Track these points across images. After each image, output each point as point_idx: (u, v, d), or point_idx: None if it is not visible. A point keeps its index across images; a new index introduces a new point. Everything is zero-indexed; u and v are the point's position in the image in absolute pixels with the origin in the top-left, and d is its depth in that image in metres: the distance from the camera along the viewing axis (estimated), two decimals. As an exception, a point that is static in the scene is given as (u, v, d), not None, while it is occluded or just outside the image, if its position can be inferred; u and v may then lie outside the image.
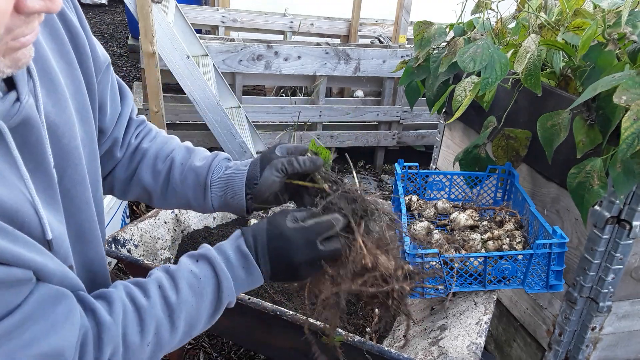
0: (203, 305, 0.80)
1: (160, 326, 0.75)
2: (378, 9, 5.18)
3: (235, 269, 0.82)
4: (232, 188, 0.95)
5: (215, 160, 0.99)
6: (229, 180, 0.96)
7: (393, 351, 1.22)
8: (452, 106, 1.69)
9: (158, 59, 2.73)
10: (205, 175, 0.98)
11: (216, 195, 0.97)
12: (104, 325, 0.70)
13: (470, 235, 1.52)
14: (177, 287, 0.77)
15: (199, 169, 0.98)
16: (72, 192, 0.76)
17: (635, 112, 1.13)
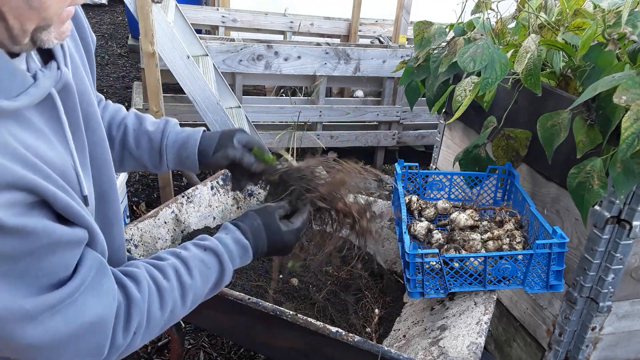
0: (207, 288, 0.93)
1: (175, 304, 0.86)
2: (378, 9, 5.18)
3: (235, 260, 0.97)
4: (186, 151, 1.13)
5: (167, 126, 1.14)
6: (184, 145, 1.13)
7: (393, 351, 1.22)
8: (452, 106, 1.69)
9: (158, 59, 2.73)
10: (160, 139, 1.13)
11: (172, 157, 1.13)
12: (134, 301, 0.79)
13: (470, 235, 1.52)
14: (190, 273, 0.89)
15: (152, 134, 1.13)
16: (93, 154, 0.84)
17: (635, 112, 1.13)
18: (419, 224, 1.62)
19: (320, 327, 1.28)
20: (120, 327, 0.77)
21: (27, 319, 0.65)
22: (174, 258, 0.90)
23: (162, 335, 2.22)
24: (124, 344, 0.78)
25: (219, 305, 1.45)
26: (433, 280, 1.45)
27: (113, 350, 0.77)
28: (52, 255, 0.67)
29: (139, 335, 0.81)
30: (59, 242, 0.68)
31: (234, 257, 0.97)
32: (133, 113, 1.16)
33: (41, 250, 0.65)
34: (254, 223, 1.01)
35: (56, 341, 0.69)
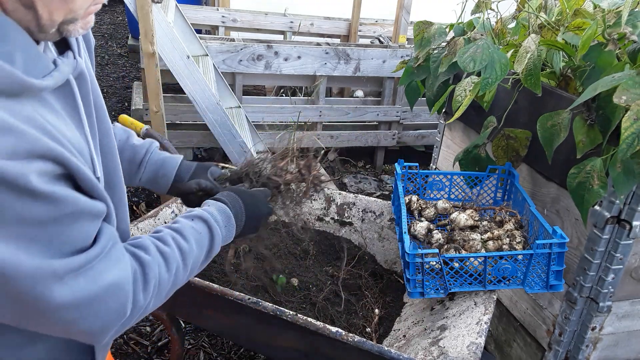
0: (202, 253, 1.01)
1: (178, 267, 0.93)
2: (378, 9, 5.18)
3: (221, 226, 1.06)
4: (163, 170, 1.27)
5: (152, 145, 1.28)
6: (163, 165, 1.27)
7: (393, 351, 1.22)
8: (452, 106, 1.69)
9: (158, 59, 2.73)
10: (143, 154, 1.25)
11: (148, 173, 1.26)
12: (147, 264, 0.86)
13: (470, 235, 1.52)
14: (186, 240, 0.96)
15: (137, 147, 1.25)
16: (102, 141, 0.90)
17: (635, 112, 1.13)
18: (419, 224, 1.62)
19: (320, 327, 1.28)
20: (140, 289, 0.83)
21: (55, 278, 0.70)
22: (169, 229, 0.97)
23: (162, 335, 2.22)
24: (144, 304, 0.84)
25: (219, 305, 1.45)
26: (433, 280, 1.45)
27: (135, 311, 0.83)
28: (75, 223, 0.72)
29: (153, 297, 0.87)
30: (82, 212, 0.73)
31: (220, 224, 1.06)
32: (120, 127, 1.27)
33: (66, 218, 0.71)
34: (230, 194, 1.15)
35: (82, 301, 0.74)
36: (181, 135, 3.50)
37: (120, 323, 0.81)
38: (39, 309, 0.70)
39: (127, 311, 0.80)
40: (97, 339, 0.80)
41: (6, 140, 0.64)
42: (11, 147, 0.64)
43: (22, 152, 0.65)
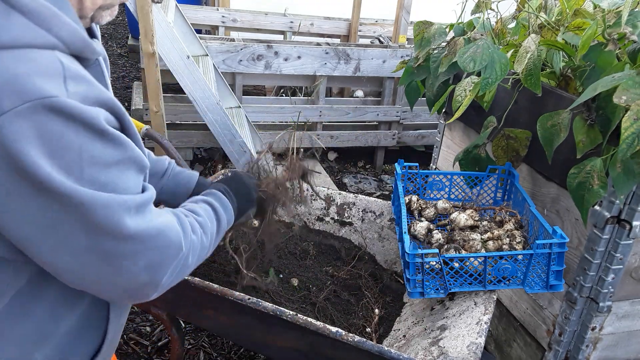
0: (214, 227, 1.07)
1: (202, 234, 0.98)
2: (378, 9, 5.18)
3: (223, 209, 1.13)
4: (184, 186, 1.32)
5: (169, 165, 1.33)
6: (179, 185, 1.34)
7: (393, 351, 1.22)
8: (452, 106, 1.69)
9: (158, 59, 2.73)
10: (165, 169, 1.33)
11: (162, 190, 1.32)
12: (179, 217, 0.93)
13: (470, 235, 1.52)
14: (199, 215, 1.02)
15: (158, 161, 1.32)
16: None
17: (635, 112, 1.13)
18: (419, 224, 1.62)
19: (320, 327, 1.28)
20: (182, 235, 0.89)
21: (127, 209, 0.77)
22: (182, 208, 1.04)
23: (162, 335, 2.23)
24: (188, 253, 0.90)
25: (219, 305, 1.45)
26: (433, 280, 1.45)
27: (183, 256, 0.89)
28: (129, 170, 0.80)
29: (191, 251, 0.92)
30: (135, 160, 0.81)
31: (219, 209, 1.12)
32: None
33: (125, 162, 0.79)
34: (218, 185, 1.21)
35: (149, 232, 0.81)
36: (181, 135, 3.50)
37: (175, 262, 0.87)
38: (116, 237, 0.76)
39: (181, 248, 0.87)
40: (158, 276, 0.84)
41: (80, 86, 0.73)
42: (84, 93, 0.73)
43: (92, 98, 0.74)
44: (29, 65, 0.69)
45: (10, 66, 0.67)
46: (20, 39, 0.69)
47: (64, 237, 0.74)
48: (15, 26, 0.69)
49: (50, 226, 0.73)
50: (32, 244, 0.75)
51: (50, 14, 0.72)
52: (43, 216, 0.72)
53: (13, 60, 0.68)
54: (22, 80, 0.67)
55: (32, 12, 0.71)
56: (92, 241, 0.75)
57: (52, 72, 0.70)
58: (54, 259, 0.77)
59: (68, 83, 0.71)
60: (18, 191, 0.69)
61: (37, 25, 0.71)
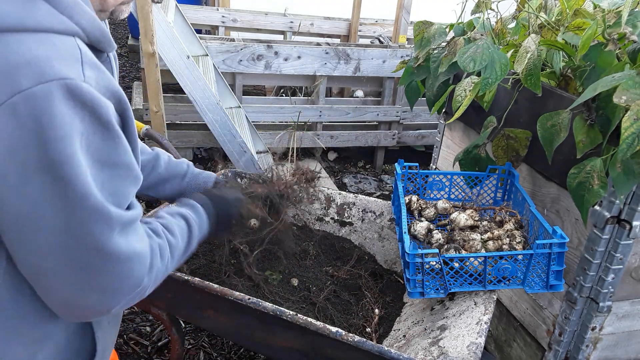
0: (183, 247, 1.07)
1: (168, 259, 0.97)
2: (378, 9, 5.18)
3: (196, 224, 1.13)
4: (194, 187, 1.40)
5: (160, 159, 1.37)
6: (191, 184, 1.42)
7: (393, 351, 1.22)
8: (452, 106, 1.69)
9: (158, 59, 2.73)
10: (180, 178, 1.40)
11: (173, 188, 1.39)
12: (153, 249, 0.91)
13: (470, 235, 1.52)
14: (173, 234, 1.02)
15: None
16: None
17: (635, 112, 1.13)
18: (419, 224, 1.62)
19: (320, 327, 1.28)
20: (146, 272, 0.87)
21: (109, 225, 0.76)
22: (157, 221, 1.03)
23: (162, 335, 2.22)
24: (147, 285, 0.89)
25: (219, 305, 1.45)
26: (433, 280, 1.45)
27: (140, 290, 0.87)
28: (123, 179, 0.79)
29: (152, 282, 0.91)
30: (132, 169, 0.81)
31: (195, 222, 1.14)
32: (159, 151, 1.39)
33: (120, 167, 0.78)
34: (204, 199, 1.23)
35: (123, 254, 0.79)
36: (181, 135, 3.50)
37: (132, 294, 0.85)
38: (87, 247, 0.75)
39: (141, 283, 0.85)
40: (109, 302, 0.82)
41: (94, 73, 0.75)
42: (96, 80, 0.75)
43: (104, 87, 0.76)
44: (50, 49, 0.71)
45: (32, 48, 0.70)
46: (44, 23, 0.72)
47: (34, 226, 0.73)
48: (39, 12, 0.72)
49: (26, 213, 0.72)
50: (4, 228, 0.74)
51: (72, 3, 0.76)
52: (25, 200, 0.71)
53: (35, 43, 0.70)
54: (42, 62, 0.69)
55: (56, 0, 0.74)
56: (59, 240, 0.74)
57: (71, 56, 0.73)
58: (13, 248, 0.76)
59: (85, 68, 0.74)
60: (16, 170, 0.70)
61: (60, 12, 0.74)
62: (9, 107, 0.67)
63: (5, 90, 0.68)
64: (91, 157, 0.74)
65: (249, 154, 3.07)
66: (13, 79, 0.68)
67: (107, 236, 0.76)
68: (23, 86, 0.68)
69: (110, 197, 0.77)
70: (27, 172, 0.70)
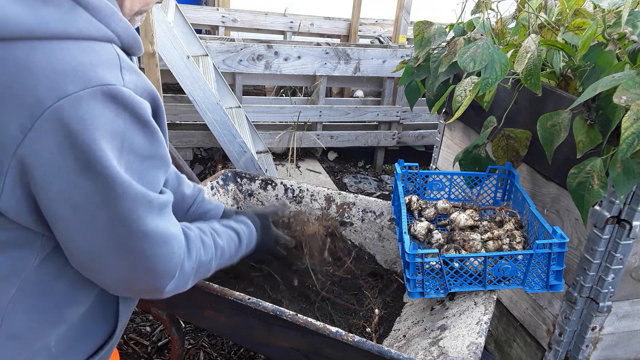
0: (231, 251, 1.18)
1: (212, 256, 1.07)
2: (378, 9, 5.18)
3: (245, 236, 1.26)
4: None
5: (199, 195, 1.42)
6: (205, 217, 1.40)
7: (393, 351, 1.22)
8: (452, 106, 1.69)
9: (158, 59, 2.73)
10: (191, 204, 1.39)
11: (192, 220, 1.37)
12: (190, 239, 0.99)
13: (470, 235, 1.52)
14: (221, 238, 1.12)
15: (186, 197, 1.38)
16: None
17: (635, 112, 1.13)
18: (419, 224, 1.62)
19: (320, 327, 1.28)
20: (186, 256, 0.94)
21: (150, 208, 0.83)
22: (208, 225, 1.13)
23: (162, 335, 2.22)
24: (190, 272, 0.96)
25: (219, 305, 1.45)
26: (433, 280, 1.45)
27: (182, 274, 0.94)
28: (158, 168, 0.85)
29: (194, 271, 0.98)
30: (164, 158, 0.87)
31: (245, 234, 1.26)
32: (174, 171, 1.40)
33: (156, 158, 0.84)
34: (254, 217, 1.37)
35: (162, 236, 0.86)
36: (181, 135, 3.50)
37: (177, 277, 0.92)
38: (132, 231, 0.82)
39: (182, 263, 0.92)
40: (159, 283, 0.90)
41: (132, 77, 0.80)
42: (135, 83, 0.80)
43: (140, 89, 0.81)
44: (92, 55, 0.76)
45: (77, 55, 0.75)
46: (85, 32, 0.77)
47: (88, 216, 0.80)
48: (80, 20, 0.77)
49: (80, 205, 0.78)
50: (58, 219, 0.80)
51: (110, 11, 0.80)
52: (78, 193, 0.77)
53: (79, 51, 0.75)
54: (87, 68, 0.75)
55: (95, 9, 0.79)
56: (110, 227, 0.81)
57: (111, 62, 0.78)
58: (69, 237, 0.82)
59: (124, 73, 0.79)
60: (67, 167, 0.75)
61: (99, 21, 0.79)
62: (56, 110, 0.72)
63: (52, 94, 0.72)
64: (134, 153, 0.80)
65: (249, 154, 3.07)
66: (59, 85, 0.72)
67: (149, 217, 0.83)
68: (69, 91, 0.72)
69: (149, 185, 0.83)
70: (77, 168, 0.75)
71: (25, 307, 0.87)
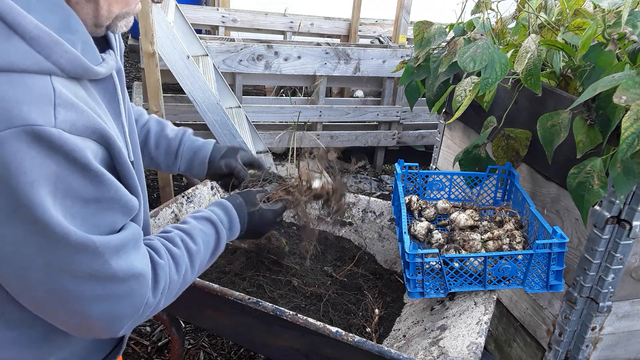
0: (208, 253, 1.05)
1: (186, 268, 0.97)
2: (378, 9, 5.18)
3: (225, 228, 1.11)
4: (198, 159, 1.36)
5: (185, 134, 1.38)
6: (197, 153, 1.36)
7: (393, 351, 1.22)
8: (452, 106, 1.69)
9: (158, 59, 2.73)
10: (178, 145, 1.35)
11: (184, 162, 1.35)
12: (159, 265, 0.89)
13: (470, 235, 1.52)
14: (194, 241, 1.01)
15: (171, 140, 1.34)
16: (130, 130, 0.97)
17: (635, 112, 1.13)
18: (419, 224, 1.62)
19: (320, 327, 1.28)
20: (150, 288, 0.86)
21: (94, 253, 0.75)
22: (178, 230, 1.02)
23: (162, 335, 2.22)
24: (154, 303, 0.88)
25: (219, 305, 1.45)
26: (433, 280, 1.45)
27: (146, 308, 0.86)
28: (109, 210, 0.78)
29: (163, 296, 0.90)
30: (119, 201, 0.79)
31: (224, 225, 1.11)
32: (155, 118, 1.35)
33: (106, 202, 0.77)
34: (237, 200, 1.18)
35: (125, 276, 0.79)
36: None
37: (135, 317, 0.85)
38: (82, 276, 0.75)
39: (142, 305, 0.85)
40: (112, 329, 0.82)
41: (69, 114, 0.71)
42: (72, 121, 0.71)
43: (80, 127, 0.73)
44: (20, 90, 0.68)
45: (2, 89, 0.67)
46: (18, 64, 0.69)
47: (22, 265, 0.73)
48: (14, 51, 0.69)
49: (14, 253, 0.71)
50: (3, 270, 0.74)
51: (51, 41, 0.71)
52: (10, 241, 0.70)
53: (6, 85, 0.67)
54: (10, 106, 0.67)
55: (33, 38, 0.70)
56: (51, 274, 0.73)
57: (42, 99, 0.69)
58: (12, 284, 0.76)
59: (58, 111, 0.70)
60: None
61: (37, 52, 0.70)
62: None
63: None
64: (72, 197, 0.72)
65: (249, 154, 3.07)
66: None
67: (98, 264, 0.75)
68: None
69: (96, 229, 0.76)
70: (2, 216, 0.68)
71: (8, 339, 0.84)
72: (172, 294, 0.93)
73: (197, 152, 1.36)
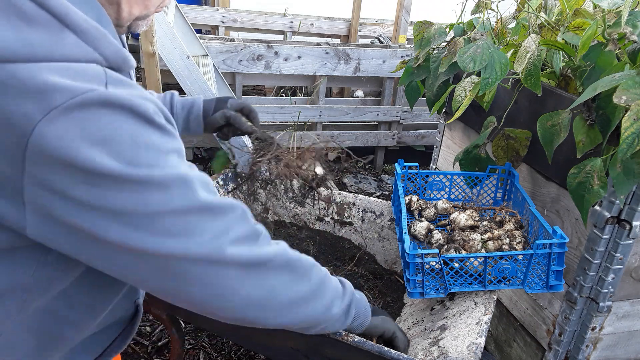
0: (323, 301, 1.10)
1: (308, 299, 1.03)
2: (378, 9, 5.19)
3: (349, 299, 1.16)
4: (192, 115, 1.41)
5: (173, 97, 1.43)
6: (190, 110, 1.41)
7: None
8: (452, 106, 1.69)
9: (158, 59, 2.73)
10: (170, 108, 1.39)
11: (180, 122, 1.41)
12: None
13: (470, 235, 1.52)
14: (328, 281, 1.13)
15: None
16: None
17: (635, 112, 1.13)
18: (419, 224, 1.62)
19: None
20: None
21: (193, 186, 0.81)
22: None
23: (162, 335, 2.23)
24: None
25: (219, 305, 1.45)
26: (433, 280, 1.45)
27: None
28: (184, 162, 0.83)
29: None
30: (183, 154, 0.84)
31: (352, 302, 1.15)
32: None
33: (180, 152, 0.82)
34: (378, 311, 1.27)
35: (225, 203, 0.87)
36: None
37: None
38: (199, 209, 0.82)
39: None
40: None
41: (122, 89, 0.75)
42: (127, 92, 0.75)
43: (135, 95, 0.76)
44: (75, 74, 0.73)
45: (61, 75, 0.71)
46: (71, 55, 0.74)
47: None
48: (67, 44, 0.73)
49: None
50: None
51: (98, 34, 0.77)
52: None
53: (63, 71, 0.72)
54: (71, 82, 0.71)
55: (83, 32, 0.75)
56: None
57: (96, 76, 0.74)
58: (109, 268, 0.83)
59: (109, 86, 0.74)
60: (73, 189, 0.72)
61: (86, 44, 0.75)
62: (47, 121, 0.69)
63: (40, 108, 0.69)
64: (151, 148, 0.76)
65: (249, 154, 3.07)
66: (45, 99, 0.69)
67: (199, 196, 0.81)
68: (57, 102, 0.69)
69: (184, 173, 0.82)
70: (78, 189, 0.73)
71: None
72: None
73: (190, 110, 1.41)
